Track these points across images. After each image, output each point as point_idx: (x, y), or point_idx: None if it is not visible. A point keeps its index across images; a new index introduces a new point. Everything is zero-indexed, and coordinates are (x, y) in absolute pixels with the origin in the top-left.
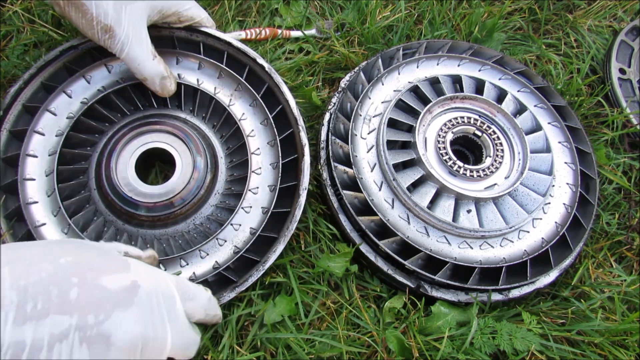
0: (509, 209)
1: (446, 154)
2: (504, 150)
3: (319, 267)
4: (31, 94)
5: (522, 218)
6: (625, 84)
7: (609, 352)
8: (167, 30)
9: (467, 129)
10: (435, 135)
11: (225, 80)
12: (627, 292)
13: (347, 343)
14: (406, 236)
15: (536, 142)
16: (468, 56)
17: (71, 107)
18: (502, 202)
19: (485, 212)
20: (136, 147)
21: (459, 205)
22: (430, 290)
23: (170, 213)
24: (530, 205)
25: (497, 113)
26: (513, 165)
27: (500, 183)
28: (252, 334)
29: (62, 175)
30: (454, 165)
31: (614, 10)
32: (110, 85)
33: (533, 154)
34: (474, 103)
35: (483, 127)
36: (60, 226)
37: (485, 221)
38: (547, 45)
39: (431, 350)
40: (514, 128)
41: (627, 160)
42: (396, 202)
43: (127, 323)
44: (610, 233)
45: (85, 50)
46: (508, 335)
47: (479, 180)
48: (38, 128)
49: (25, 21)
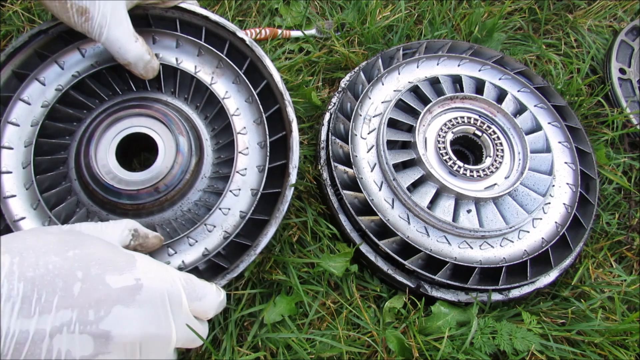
0: (509, 209)
1: (446, 154)
2: (504, 150)
3: (319, 267)
4: (2, 83)
5: (522, 218)
6: (625, 84)
7: (609, 352)
8: (141, 9)
9: (467, 129)
10: (436, 135)
11: (205, 58)
12: (627, 292)
13: (347, 343)
14: (406, 236)
15: (536, 142)
16: (468, 56)
17: (45, 94)
18: (502, 202)
19: (486, 212)
20: (115, 132)
21: (459, 205)
22: (430, 290)
23: (155, 200)
24: (530, 205)
25: (497, 113)
26: (513, 165)
27: (500, 183)
28: (252, 334)
29: (40, 167)
30: (454, 165)
31: (614, 10)
32: (84, 70)
33: (533, 154)
34: (474, 103)
35: (483, 127)
36: (41, 219)
37: (485, 221)
38: (547, 45)
39: (431, 350)
40: (514, 128)
41: (627, 160)
42: (396, 202)
43: (127, 321)
44: (610, 233)
45: (56, 34)
46: (508, 335)
47: (479, 180)
48: (11, 118)
49: (25, 21)
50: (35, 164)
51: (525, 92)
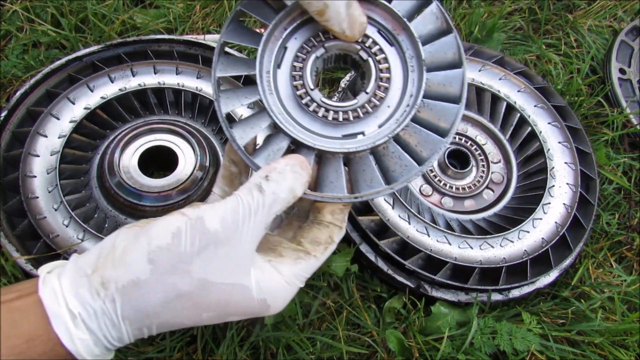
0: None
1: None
2: (391, 86)
3: (320, 268)
4: (36, 99)
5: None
6: (625, 84)
7: (609, 352)
8: (167, 44)
9: (348, 47)
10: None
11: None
12: (627, 292)
13: (347, 343)
14: (406, 236)
15: (447, 85)
16: (468, 56)
17: (74, 112)
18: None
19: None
20: (138, 145)
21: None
22: (430, 290)
23: (174, 203)
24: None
25: (402, 31)
26: (397, 110)
27: (369, 133)
28: (253, 335)
29: (64, 174)
30: (310, 103)
31: (614, 10)
32: (112, 93)
33: (431, 100)
34: (373, 10)
35: (368, 46)
36: (61, 219)
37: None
38: (547, 45)
39: (431, 350)
40: (417, 57)
41: (627, 160)
42: (396, 202)
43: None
44: (610, 233)
45: (90, 62)
46: (508, 335)
47: (340, 125)
48: (41, 130)
49: (24, 20)
50: (59, 171)
51: (525, 92)
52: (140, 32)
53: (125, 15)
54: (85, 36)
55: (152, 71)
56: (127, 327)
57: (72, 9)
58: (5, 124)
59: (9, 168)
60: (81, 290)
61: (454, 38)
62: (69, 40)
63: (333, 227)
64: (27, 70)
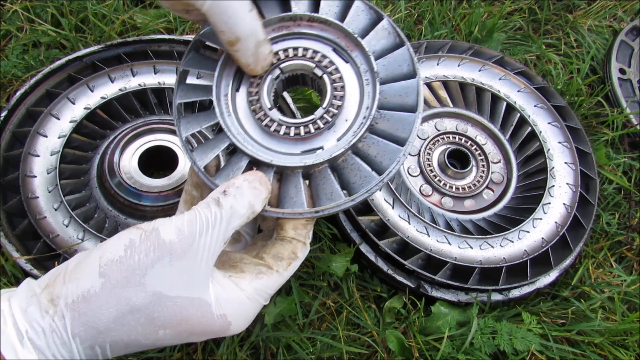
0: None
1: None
2: (345, 102)
3: (320, 268)
4: (36, 99)
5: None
6: (625, 84)
7: (609, 352)
8: (167, 44)
9: (304, 65)
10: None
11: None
12: (627, 292)
13: (347, 343)
14: (406, 236)
15: (404, 95)
16: (468, 56)
17: (74, 112)
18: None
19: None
20: (139, 144)
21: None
22: (430, 290)
23: (174, 203)
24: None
25: (355, 48)
26: (354, 123)
27: (328, 147)
28: (253, 335)
29: (64, 174)
30: (268, 122)
31: (614, 10)
32: (112, 93)
33: (388, 111)
34: (325, 29)
35: (324, 65)
36: (61, 218)
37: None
38: (547, 45)
39: (431, 350)
40: (370, 71)
41: (627, 160)
42: (396, 202)
43: None
44: (610, 233)
45: (90, 62)
46: (508, 335)
47: (300, 141)
48: (41, 130)
49: (25, 20)
50: (59, 171)
51: (525, 92)
52: (141, 32)
53: (126, 15)
54: (86, 36)
55: (152, 71)
56: (77, 345)
57: (72, 9)
58: (5, 124)
59: (9, 168)
60: (30, 309)
61: (406, 50)
62: (69, 40)
63: (296, 243)
64: (27, 70)
